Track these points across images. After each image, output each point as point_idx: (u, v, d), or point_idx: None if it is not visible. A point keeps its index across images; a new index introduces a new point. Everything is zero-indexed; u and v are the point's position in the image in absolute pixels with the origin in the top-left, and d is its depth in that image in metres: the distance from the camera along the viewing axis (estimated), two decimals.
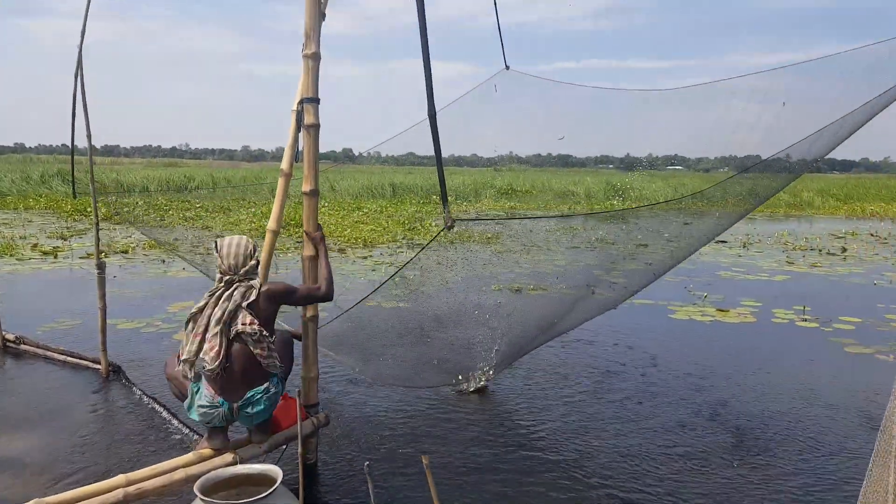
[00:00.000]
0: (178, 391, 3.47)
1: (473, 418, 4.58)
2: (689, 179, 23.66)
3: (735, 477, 3.78)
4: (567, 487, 3.61)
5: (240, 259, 3.23)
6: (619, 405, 4.91)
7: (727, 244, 14.89)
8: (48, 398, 4.83)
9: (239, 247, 3.25)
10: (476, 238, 14.39)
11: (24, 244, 12.63)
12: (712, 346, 6.65)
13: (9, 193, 24.45)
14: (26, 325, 6.51)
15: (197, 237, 13.54)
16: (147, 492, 2.88)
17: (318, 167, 3.53)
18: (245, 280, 3.25)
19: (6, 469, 3.68)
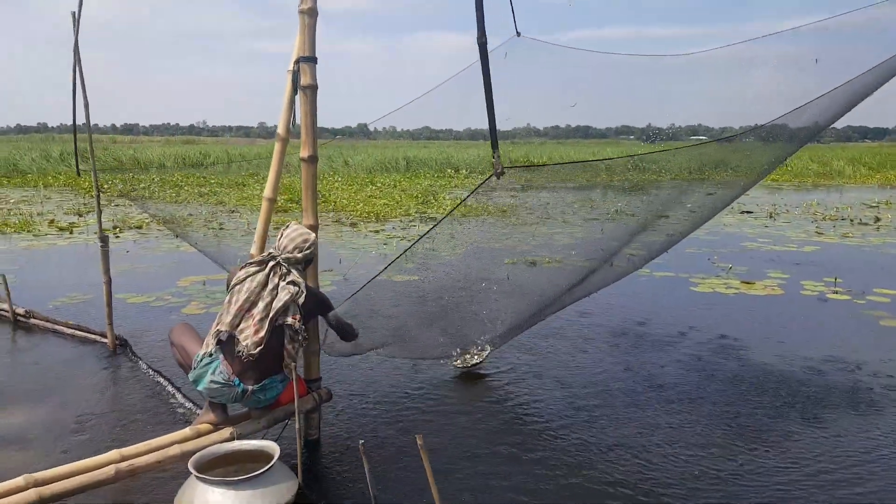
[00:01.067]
0: (182, 359, 3.37)
1: (478, 397, 4.45)
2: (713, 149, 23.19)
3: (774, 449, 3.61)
4: (577, 465, 3.47)
5: (289, 246, 3.22)
6: (637, 378, 4.73)
7: (753, 214, 14.55)
8: (55, 371, 4.77)
9: (297, 238, 3.24)
10: (491, 210, 14.18)
11: (40, 220, 12.67)
12: (736, 318, 6.41)
13: (29, 171, 24.63)
14: (39, 300, 6.48)
15: (211, 212, 13.51)
16: (140, 468, 2.78)
17: (316, 131, 3.36)
18: (286, 267, 3.19)
19: (10, 442, 3.63)
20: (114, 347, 5.22)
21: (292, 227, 3.29)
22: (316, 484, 3.22)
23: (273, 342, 3.11)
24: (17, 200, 16.32)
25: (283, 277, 3.18)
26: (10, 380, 4.60)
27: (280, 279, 3.17)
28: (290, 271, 3.20)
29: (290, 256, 3.22)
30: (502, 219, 13.16)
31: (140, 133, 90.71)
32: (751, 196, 18.91)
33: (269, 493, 2.78)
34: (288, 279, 3.17)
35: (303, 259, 3.24)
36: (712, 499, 3.14)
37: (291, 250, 3.22)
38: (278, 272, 3.19)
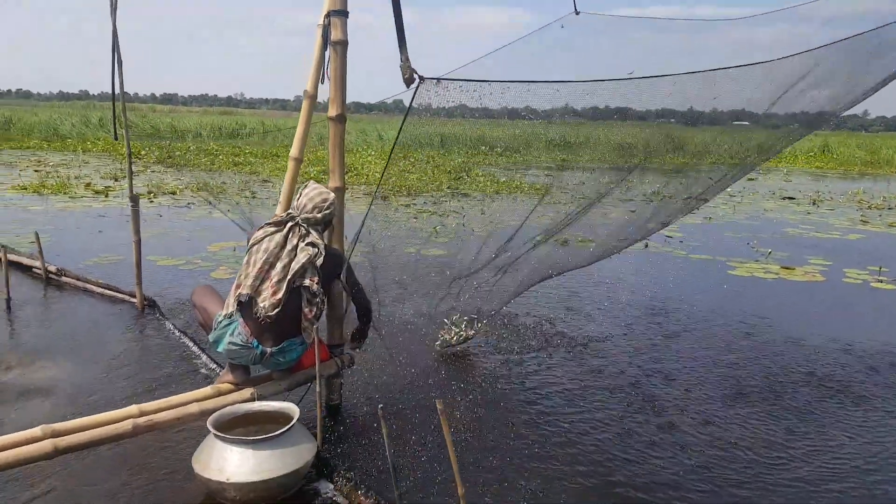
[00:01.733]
0: (204, 320, 3.33)
1: (500, 370, 4.34)
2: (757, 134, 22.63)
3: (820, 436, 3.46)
4: (599, 443, 3.36)
5: (308, 206, 3.14)
6: (667, 361, 4.59)
7: (795, 201, 14.16)
8: (84, 329, 4.81)
9: (316, 198, 3.16)
10: (525, 189, 14.01)
11: (77, 183, 12.85)
12: (774, 303, 6.20)
13: (69, 136, 25.06)
14: (72, 259, 6.56)
15: (244, 181, 13.56)
16: (158, 424, 2.74)
17: (345, 89, 3.26)
18: (305, 228, 3.11)
19: (37, 395, 3.66)
20: (142, 307, 5.23)
21: (311, 187, 3.21)
22: (335, 448, 3.16)
23: (291, 304, 3.03)
24: (56, 164, 16.59)
25: (301, 238, 3.09)
26: (40, 335, 4.64)
27: (299, 240, 3.09)
28: (309, 232, 3.11)
29: (308, 216, 3.13)
30: (534, 196, 13.02)
31: (179, 103, 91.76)
32: (793, 182, 18.47)
33: (287, 453, 2.74)
34: (307, 240, 3.08)
35: (322, 220, 3.16)
36: (752, 488, 3.02)
37: (310, 210, 3.13)
38: (297, 233, 3.10)
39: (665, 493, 2.91)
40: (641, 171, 10.57)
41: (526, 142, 22.56)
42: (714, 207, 12.72)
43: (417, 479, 2.93)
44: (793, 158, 27.54)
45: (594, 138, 16.35)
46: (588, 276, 6.71)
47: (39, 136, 25.22)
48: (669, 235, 9.42)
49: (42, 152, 20.13)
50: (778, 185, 17.38)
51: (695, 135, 6.39)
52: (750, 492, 2.96)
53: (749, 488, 2.98)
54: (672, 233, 9.67)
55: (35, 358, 4.18)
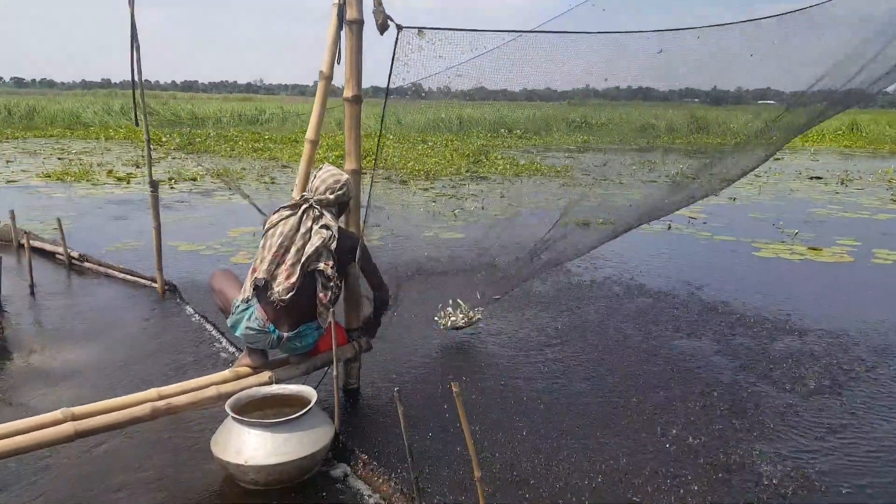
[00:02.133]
0: (223, 305, 3.34)
1: (519, 353, 4.31)
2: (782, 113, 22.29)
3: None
4: (617, 427, 3.32)
5: (321, 188, 3.13)
6: (689, 346, 4.52)
7: (822, 180, 13.88)
8: (106, 313, 4.85)
9: (329, 180, 3.14)
10: (545, 171, 13.91)
11: (100, 170, 12.98)
12: (801, 285, 6.08)
13: (91, 124, 25.33)
14: (94, 245, 6.63)
15: (263, 167, 13.60)
16: (176, 407, 2.75)
17: (361, 70, 3.22)
18: (318, 210, 3.10)
19: (60, 378, 3.70)
20: (162, 292, 5.27)
21: (325, 169, 3.19)
22: (352, 431, 3.16)
23: (306, 289, 3.02)
24: (79, 151, 16.77)
25: (315, 221, 3.07)
26: (63, 320, 4.69)
27: (313, 223, 3.07)
28: (322, 214, 3.09)
29: (322, 198, 3.11)
30: (555, 179, 12.91)
31: (199, 90, 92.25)
32: (821, 161, 18.12)
33: (304, 436, 2.73)
34: (321, 223, 3.07)
35: (335, 201, 3.13)
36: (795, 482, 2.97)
37: (323, 192, 3.11)
38: (311, 215, 3.09)
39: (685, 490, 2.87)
40: (664, 151, 10.37)
41: (546, 123, 22.24)
42: (739, 188, 12.51)
43: (434, 461, 2.92)
44: (820, 137, 26.97)
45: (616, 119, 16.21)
46: (606, 262, 6.65)
47: (62, 125, 25.53)
48: (693, 217, 9.29)
49: (65, 140, 20.37)
50: (805, 165, 17.05)
51: (718, 115, 6.23)
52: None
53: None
54: (695, 213, 9.53)
55: (58, 342, 4.23)
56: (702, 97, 5.57)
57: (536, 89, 4.30)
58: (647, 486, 2.79)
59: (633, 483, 2.81)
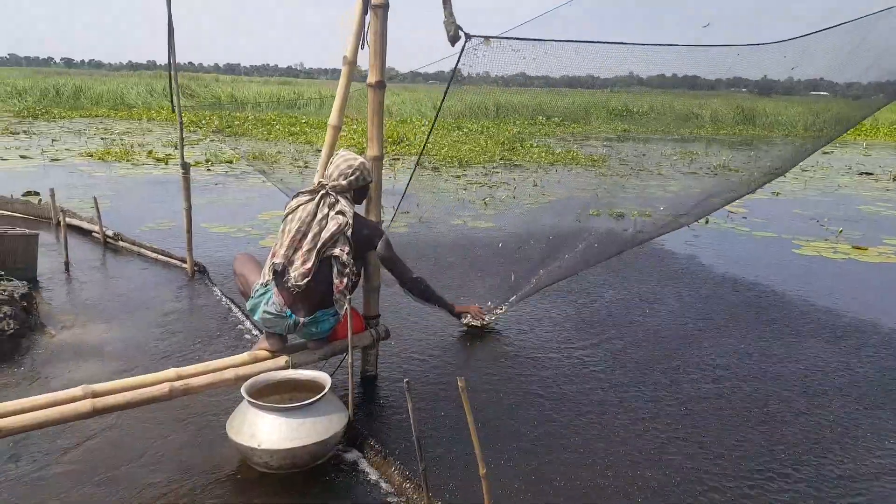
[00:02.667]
0: (243, 288, 3.39)
1: (544, 346, 4.26)
2: (836, 105, 21.68)
3: None
4: (634, 421, 3.26)
5: (334, 173, 3.15)
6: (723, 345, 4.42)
7: (873, 176, 13.41)
8: (136, 292, 4.94)
9: (342, 165, 3.16)
10: (581, 161, 13.73)
11: (140, 151, 13.23)
12: (845, 285, 5.89)
13: (134, 105, 25.82)
14: (130, 224, 6.76)
15: (298, 151, 13.70)
16: (194, 388, 2.79)
17: (385, 54, 3.19)
18: (334, 196, 3.11)
19: (87, 355, 3.78)
20: (192, 273, 5.35)
21: (340, 154, 3.20)
22: (367, 419, 3.17)
23: (323, 275, 3.04)
24: (122, 132, 17.12)
25: (331, 207, 3.08)
26: (95, 297, 4.79)
27: (329, 209, 3.08)
28: (338, 200, 3.09)
29: (336, 184, 3.12)
30: (591, 168, 12.74)
31: (241, 73, 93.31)
32: (873, 156, 17.53)
33: (318, 422, 2.75)
34: (336, 209, 3.07)
35: (348, 186, 3.13)
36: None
37: (336, 178, 3.13)
38: (327, 202, 3.10)
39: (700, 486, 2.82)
40: (708, 142, 10.11)
41: (585, 111, 21.83)
42: (783, 182, 12.19)
43: (446, 454, 2.91)
44: (874, 131, 26.00)
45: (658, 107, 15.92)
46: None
47: (107, 105, 26.08)
48: (732, 211, 9.06)
49: (109, 120, 20.82)
50: (855, 160, 16.49)
51: (766, 105, 6.01)
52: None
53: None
54: (736, 208, 9.30)
55: (88, 319, 4.33)
56: (750, 86, 5.38)
57: (578, 76, 4.18)
58: (666, 487, 2.74)
59: (648, 484, 2.77)
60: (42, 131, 16.56)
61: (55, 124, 18.82)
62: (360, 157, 3.21)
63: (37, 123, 18.80)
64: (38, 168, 10.84)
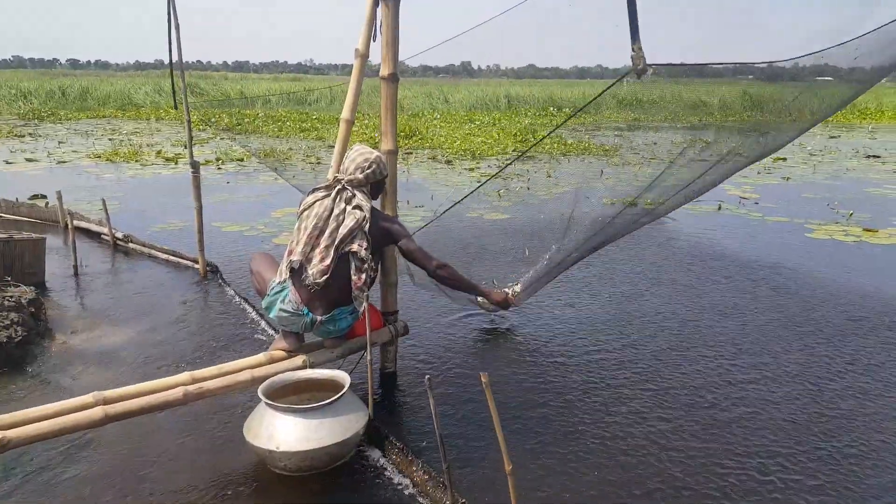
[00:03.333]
0: (260, 287, 3.31)
1: (557, 339, 4.18)
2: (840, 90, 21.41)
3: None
4: (654, 417, 3.17)
5: (350, 167, 3.07)
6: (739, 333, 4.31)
7: (880, 159, 13.27)
8: (147, 294, 4.89)
9: (357, 159, 3.07)
10: (593, 151, 13.60)
11: (149, 151, 13.20)
12: (859, 267, 5.77)
13: (142, 105, 25.85)
14: (140, 226, 6.73)
15: (310, 147, 13.65)
16: (208, 391, 2.72)
17: (398, 47, 3.11)
18: (350, 191, 3.03)
19: (99, 360, 3.72)
20: (204, 273, 5.30)
21: (355, 148, 3.13)
22: (387, 417, 3.10)
23: (341, 271, 2.96)
24: (130, 132, 17.13)
25: (348, 202, 3.01)
26: (105, 301, 4.74)
27: (346, 204, 3.00)
28: (354, 195, 3.02)
29: (352, 178, 3.05)
30: (603, 158, 12.61)
31: (251, 70, 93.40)
32: (879, 140, 17.34)
33: (337, 422, 2.68)
34: (353, 203, 3.00)
35: (365, 180, 3.06)
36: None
37: (353, 171, 3.05)
38: (343, 196, 3.03)
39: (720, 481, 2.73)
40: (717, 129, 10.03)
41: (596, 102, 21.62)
42: (792, 167, 12.06)
43: (468, 451, 2.83)
44: (879, 114, 25.78)
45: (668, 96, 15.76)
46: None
47: (115, 106, 26.12)
48: (744, 197, 8.96)
49: (117, 121, 20.85)
50: (862, 143, 16.31)
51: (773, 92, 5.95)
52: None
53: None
54: (747, 193, 9.20)
55: (100, 323, 4.28)
56: (756, 73, 5.28)
57: (588, 67, 4.07)
58: (695, 487, 2.66)
59: (677, 483, 2.68)
60: (48, 133, 16.58)
61: (61, 126, 18.86)
62: (375, 151, 3.13)
63: (42, 125, 18.85)
64: (45, 171, 10.83)
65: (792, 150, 13.99)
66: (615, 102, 25.64)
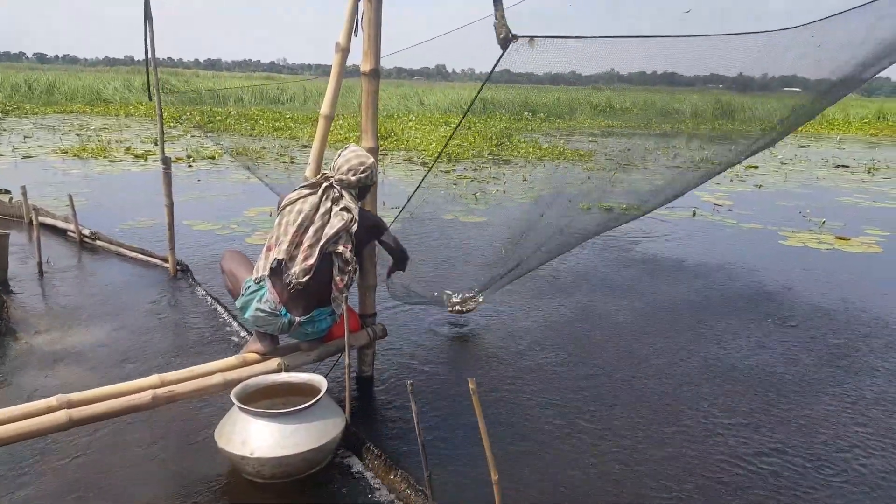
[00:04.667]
0: (232, 286, 3.19)
1: (537, 342, 4.14)
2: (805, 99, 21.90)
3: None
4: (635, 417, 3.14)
5: (344, 167, 2.96)
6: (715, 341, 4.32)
7: (849, 169, 13.53)
8: (115, 294, 4.73)
9: (353, 160, 2.97)
10: (568, 155, 13.64)
11: (117, 147, 12.92)
12: (832, 276, 5.83)
13: (112, 100, 25.34)
14: (108, 223, 6.52)
15: (283, 146, 13.48)
16: (179, 395, 2.62)
17: (380, 42, 3.04)
18: (338, 190, 2.94)
19: (66, 362, 3.58)
20: (174, 272, 5.15)
21: (351, 149, 3.02)
22: (364, 422, 3.01)
23: (322, 272, 2.87)
24: (98, 128, 16.76)
25: (335, 202, 2.92)
26: (70, 300, 4.58)
27: (333, 203, 2.91)
28: (342, 195, 2.93)
29: (343, 178, 2.95)
30: (578, 163, 12.64)
31: (223, 69, 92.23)
32: (847, 150, 17.70)
33: (313, 428, 2.59)
34: (340, 204, 2.91)
35: (356, 183, 2.96)
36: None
37: (345, 172, 2.95)
38: (330, 195, 2.93)
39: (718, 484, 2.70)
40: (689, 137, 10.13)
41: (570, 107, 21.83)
42: (764, 175, 12.23)
43: (448, 457, 2.76)
44: (846, 125, 26.42)
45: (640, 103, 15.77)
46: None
47: (83, 101, 25.53)
48: (718, 203, 9.05)
49: (85, 116, 20.39)
50: (831, 153, 16.65)
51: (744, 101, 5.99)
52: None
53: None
54: (721, 200, 9.29)
55: (63, 324, 4.12)
56: (727, 83, 5.34)
57: (561, 73, 4.07)
58: (683, 494, 2.62)
59: (665, 491, 2.64)
60: (13, 128, 16.14)
61: (27, 120, 18.38)
62: (371, 157, 3.04)
63: (7, 119, 18.35)
64: (10, 165, 10.52)
65: (763, 159, 14.18)
66: (590, 108, 25.80)
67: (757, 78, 5.07)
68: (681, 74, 4.53)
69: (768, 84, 5.84)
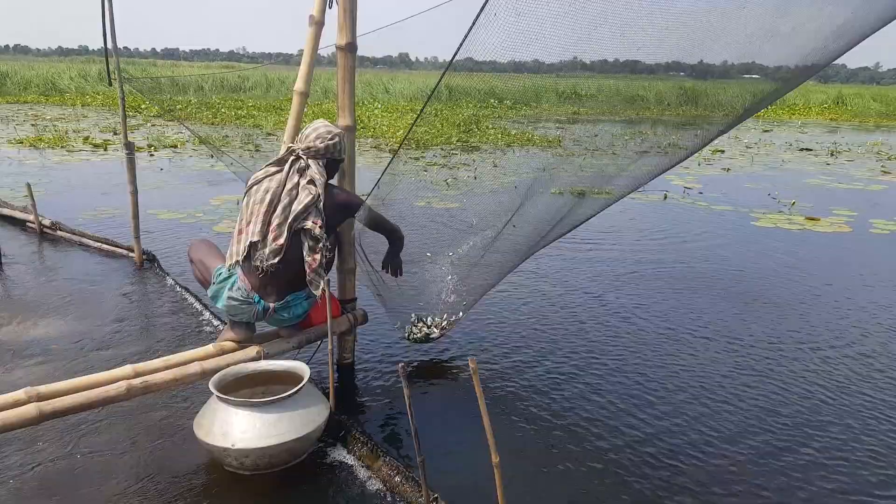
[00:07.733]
0: (202, 275, 3.05)
1: (523, 327, 4.09)
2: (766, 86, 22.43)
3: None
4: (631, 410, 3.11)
5: (311, 135, 2.82)
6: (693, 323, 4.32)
7: (812, 152, 13.79)
8: (80, 285, 4.54)
9: (321, 128, 2.83)
10: (536, 141, 13.61)
11: (75, 137, 12.51)
12: (808, 255, 5.89)
13: (67, 90, 24.56)
14: (69, 213, 6.28)
15: (247, 135, 13.20)
16: (154, 385, 2.49)
17: (356, 14, 2.92)
18: (305, 161, 2.79)
19: (31, 355, 3.41)
20: (141, 262, 4.97)
21: (319, 121, 2.89)
22: (348, 409, 2.92)
23: (294, 253, 2.73)
24: (54, 118, 16.22)
25: (301, 173, 2.77)
26: (35, 292, 4.38)
27: (299, 176, 2.77)
28: (308, 165, 2.79)
29: (311, 146, 2.79)
30: (547, 149, 12.63)
31: (181, 58, 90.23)
32: (808, 134, 18.05)
33: (296, 416, 2.49)
34: (307, 177, 2.76)
35: (324, 151, 2.81)
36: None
37: (313, 140, 2.80)
38: (297, 166, 2.78)
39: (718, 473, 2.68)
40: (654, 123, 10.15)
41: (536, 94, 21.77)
42: (731, 159, 12.38)
43: (442, 443, 2.69)
44: (806, 110, 27.00)
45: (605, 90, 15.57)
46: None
47: (37, 91, 24.67)
48: (688, 187, 9.12)
49: (40, 106, 19.71)
50: (793, 137, 16.98)
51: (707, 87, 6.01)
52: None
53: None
54: (691, 183, 9.36)
55: (28, 315, 3.93)
56: (687, 71, 5.34)
57: (524, 61, 3.99)
58: (674, 480, 2.59)
59: (658, 475, 2.61)
60: None
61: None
62: (339, 129, 2.92)
63: None
64: None
65: (729, 143, 14.36)
66: (555, 96, 25.79)
67: (717, 65, 5.11)
68: (643, 62, 4.52)
69: (728, 71, 5.85)
